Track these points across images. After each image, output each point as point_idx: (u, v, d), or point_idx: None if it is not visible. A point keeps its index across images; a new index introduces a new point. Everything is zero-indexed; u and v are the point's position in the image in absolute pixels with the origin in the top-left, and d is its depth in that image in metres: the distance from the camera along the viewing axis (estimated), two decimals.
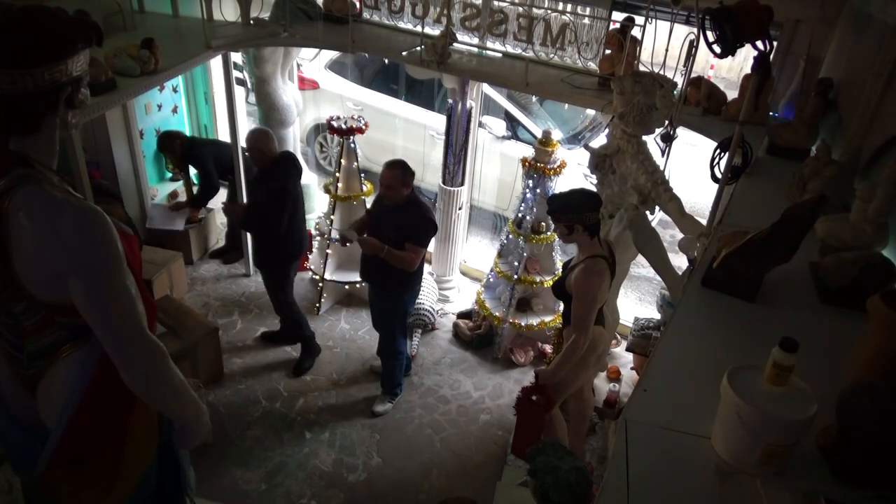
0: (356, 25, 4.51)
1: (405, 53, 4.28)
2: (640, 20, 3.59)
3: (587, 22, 3.94)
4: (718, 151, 2.93)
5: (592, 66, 4.05)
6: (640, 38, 3.67)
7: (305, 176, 5.81)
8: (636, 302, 5.64)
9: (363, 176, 4.96)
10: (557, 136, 5.14)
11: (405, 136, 6.58)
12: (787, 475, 1.31)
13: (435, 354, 4.92)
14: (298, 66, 6.23)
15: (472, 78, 4.37)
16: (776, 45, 3.67)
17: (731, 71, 10.36)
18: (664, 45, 3.25)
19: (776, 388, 1.31)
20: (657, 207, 3.49)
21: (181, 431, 2.05)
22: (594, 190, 3.55)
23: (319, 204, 5.97)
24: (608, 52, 3.87)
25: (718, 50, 2.46)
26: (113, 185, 4.92)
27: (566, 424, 3.67)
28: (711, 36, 2.45)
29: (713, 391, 1.35)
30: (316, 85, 6.83)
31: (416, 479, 3.94)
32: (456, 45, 4.16)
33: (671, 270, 3.39)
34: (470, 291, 5.44)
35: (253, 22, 4.65)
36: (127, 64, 3.62)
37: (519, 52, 4.19)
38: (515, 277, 4.61)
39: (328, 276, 5.02)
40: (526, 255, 4.62)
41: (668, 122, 3.26)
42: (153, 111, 5.49)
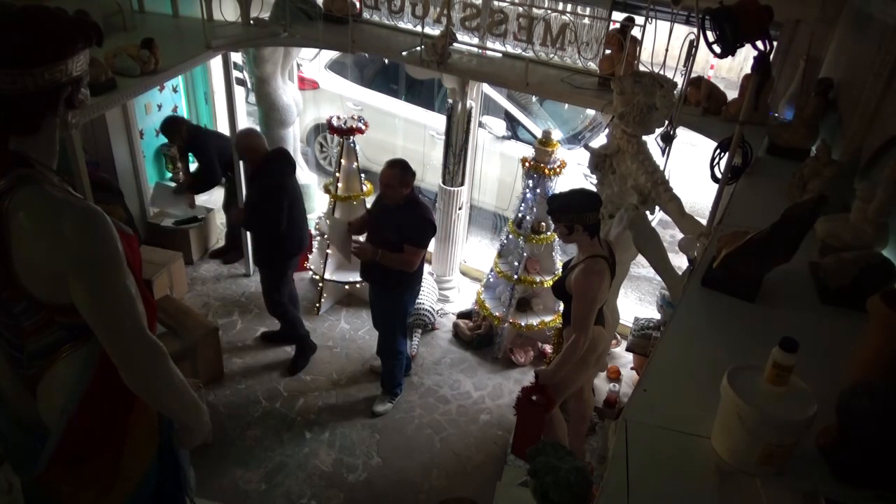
0: (356, 25, 4.51)
1: (405, 53, 4.29)
2: (640, 20, 3.59)
3: (587, 22, 3.94)
4: (718, 151, 2.93)
5: (592, 66, 4.05)
6: (640, 38, 3.67)
7: (305, 176, 5.83)
8: (636, 302, 5.64)
9: (363, 176, 4.96)
10: (557, 136, 5.14)
11: (405, 136, 6.58)
12: (787, 475, 1.31)
13: (435, 354, 4.92)
14: (298, 66, 6.23)
15: (472, 78, 4.37)
16: (776, 45, 3.67)
17: (731, 71, 10.36)
18: (664, 45, 3.25)
19: (776, 388, 1.31)
20: (657, 207, 3.49)
21: (181, 431, 2.05)
22: (594, 190, 3.56)
23: (319, 204, 5.97)
24: (608, 52, 3.88)
25: (718, 50, 2.46)
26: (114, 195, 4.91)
27: (566, 424, 3.67)
28: (711, 36, 2.45)
29: (713, 391, 1.35)
30: (316, 85, 6.83)
31: (416, 479, 3.94)
32: (456, 45, 4.16)
33: (671, 270, 3.39)
34: (470, 291, 5.44)
35: (253, 22, 4.65)
36: (127, 64, 3.62)
37: (519, 52, 4.19)
38: (515, 277, 4.61)
39: (328, 276, 5.02)
40: (526, 255, 4.61)
41: (668, 122, 3.26)
42: (153, 111, 5.50)
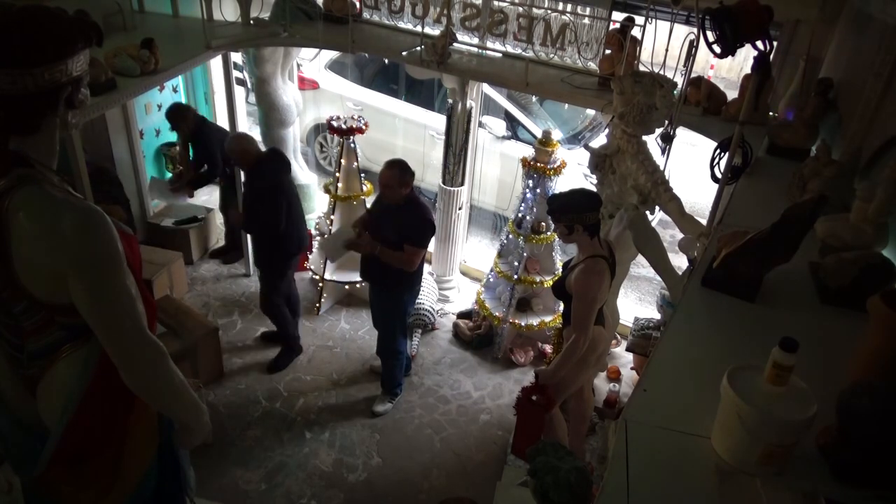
0: (356, 25, 4.51)
1: (405, 53, 4.29)
2: (640, 20, 3.59)
3: (587, 22, 3.94)
4: (718, 151, 2.93)
5: (592, 66, 4.05)
6: (640, 38, 3.67)
7: (305, 176, 5.83)
8: (636, 302, 5.64)
9: (363, 176, 4.96)
10: (557, 136, 5.14)
11: (405, 136, 6.58)
12: (787, 475, 1.31)
13: (435, 354, 4.92)
14: (298, 66, 6.23)
15: (472, 78, 4.37)
16: (776, 45, 3.67)
17: (731, 71, 10.36)
18: (664, 45, 3.25)
19: (776, 388, 1.31)
20: (657, 207, 3.49)
21: (181, 431, 2.05)
22: (594, 190, 3.56)
23: (319, 204, 5.97)
24: (608, 52, 3.88)
25: (718, 50, 2.46)
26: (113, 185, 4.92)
27: (566, 424, 3.67)
28: (711, 36, 2.45)
29: (713, 391, 1.35)
30: (316, 85, 6.83)
31: (416, 479, 3.94)
32: (456, 45, 4.16)
33: (671, 270, 3.39)
34: (470, 291, 5.44)
35: (253, 22, 4.65)
36: (127, 64, 3.63)
37: (519, 52, 4.19)
38: (515, 277, 4.61)
39: (328, 276, 5.02)
40: (526, 255, 4.61)
41: (668, 122, 3.26)
42: (153, 111, 5.50)
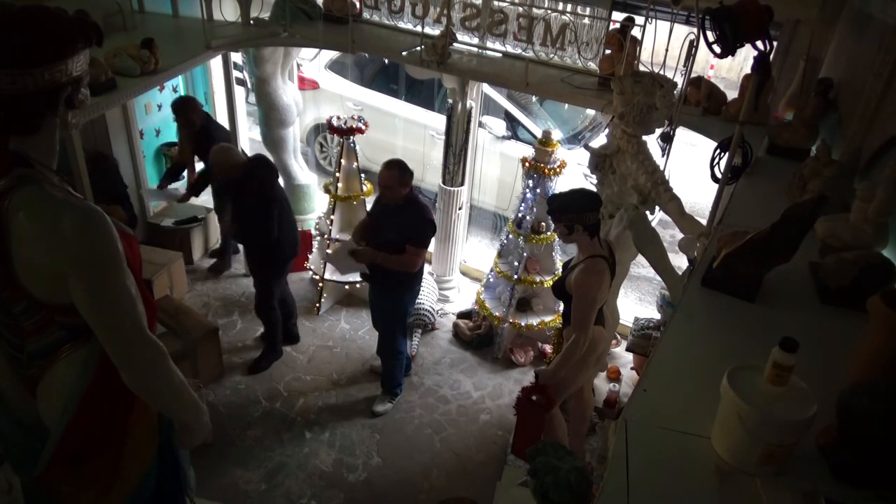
0: (356, 25, 4.51)
1: (405, 53, 4.29)
2: (640, 20, 3.59)
3: (587, 22, 3.94)
4: (718, 151, 2.93)
5: (592, 66, 4.05)
6: (640, 38, 3.67)
7: (305, 176, 5.83)
8: (636, 302, 5.64)
9: (363, 176, 4.96)
10: (557, 136, 5.14)
11: (405, 136, 6.58)
12: (787, 475, 1.31)
13: (435, 354, 4.92)
14: (298, 66, 6.23)
15: (472, 78, 4.37)
16: (776, 45, 3.66)
17: (731, 71, 10.36)
18: (664, 45, 3.25)
19: (776, 388, 1.31)
20: (657, 207, 3.49)
21: (181, 431, 2.05)
22: (594, 190, 3.56)
23: (319, 204, 5.96)
24: (608, 52, 3.88)
25: (718, 50, 2.46)
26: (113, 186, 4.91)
27: (566, 424, 3.67)
28: (711, 36, 2.45)
29: (713, 391, 1.35)
30: (316, 85, 6.83)
31: (416, 479, 3.94)
32: (456, 45, 4.16)
33: (671, 270, 3.39)
34: (470, 291, 5.44)
35: (253, 22, 4.65)
36: (127, 64, 3.63)
37: (519, 52, 4.19)
38: (515, 277, 4.61)
39: (328, 276, 5.02)
40: (526, 255, 4.61)
41: (668, 122, 3.26)
42: (153, 111, 5.50)
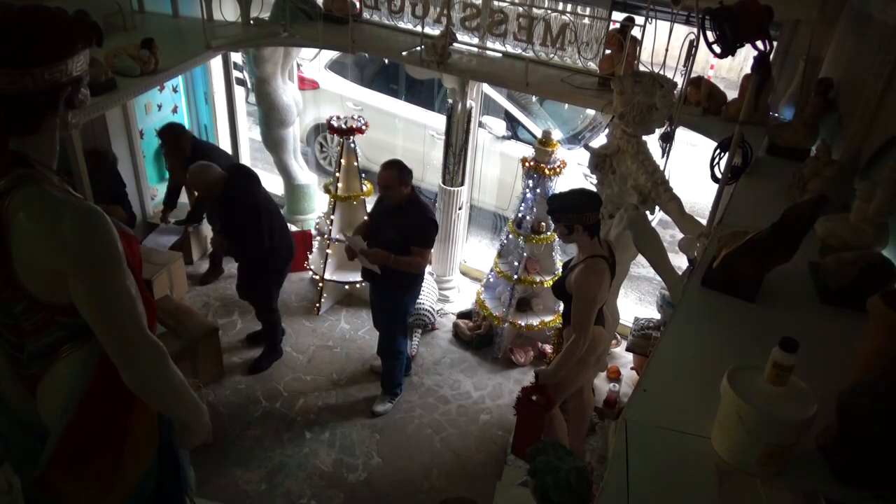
0: (356, 25, 4.51)
1: (405, 53, 4.29)
2: (640, 20, 3.59)
3: (587, 22, 3.94)
4: (718, 151, 2.93)
5: (592, 66, 4.05)
6: (640, 38, 3.67)
7: (305, 176, 5.83)
8: (636, 302, 5.64)
9: (363, 176, 4.96)
10: (557, 136, 5.14)
11: (405, 136, 6.58)
12: (787, 475, 1.31)
13: (435, 354, 4.92)
14: (298, 66, 6.23)
15: (472, 78, 4.37)
16: (776, 45, 3.66)
17: (731, 71, 10.36)
18: (664, 45, 3.25)
19: (776, 388, 1.30)
20: (657, 207, 3.49)
21: (181, 431, 2.05)
22: (594, 190, 3.56)
23: (319, 204, 5.97)
24: (608, 52, 3.87)
25: (718, 50, 2.46)
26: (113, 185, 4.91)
27: (566, 424, 3.67)
28: (711, 36, 2.45)
29: (713, 391, 1.35)
30: (316, 85, 6.83)
31: (416, 479, 3.94)
32: (456, 45, 4.16)
33: (671, 270, 3.39)
34: (470, 291, 5.44)
35: (253, 22, 4.65)
36: (127, 64, 3.63)
37: (519, 52, 4.19)
38: (515, 277, 4.61)
39: (328, 276, 5.02)
40: (526, 255, 4.61)
41: (668, 122, 3.26)
42: (153, 111, 5.49)
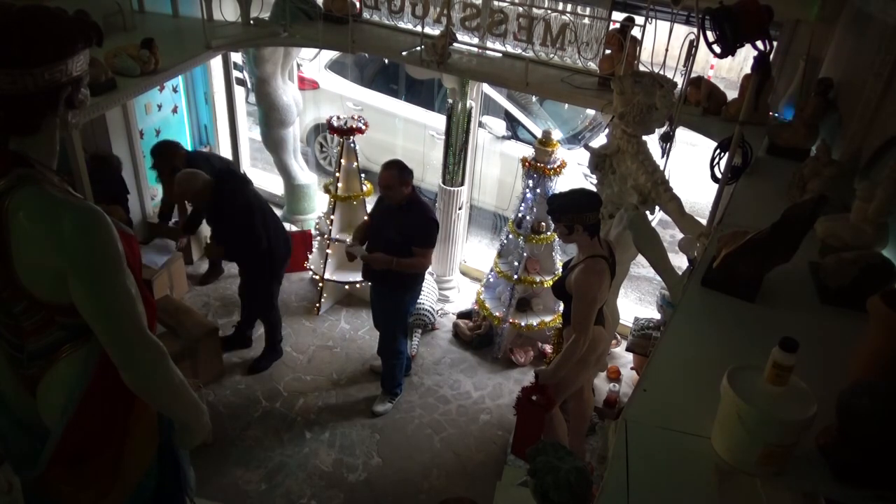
0: (356, 25, 4.51)
1: (405, 53, 4.28)
2: (640, 20, 3.59)
3: (587, 22, 3.94)
4: (718, 151, 2.93)
5: (592, 66, 4.04)
6: (640, 38, 3.67)
7: (305, 176, 5.83)
8: (636, 302, 5.64)
9: (363, 176, 4.96)
10: (557, 136, 5.14)
11: (405, 136, 6.58)
12: (787, 475, 1.30)
13: (435, 354, 4.92)
14: (298, 66, 6.23)
15: (472, 78, 4.37)
16: (776, 45, 3.66)
17: (731, 71, 10.36)
18: (664, 45, 3.25)
19: (776, 388, 1.30)
20: (657, 207, 3.49)
21: (181, 431, 2.06)
22: (594, 190, 3.56)
23: (319, 204, 5.97)
24: (608, 52, 3.87)
25: (718, 50, 2.46)
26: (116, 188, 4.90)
27: (566, 424, 3.67)
28: (711, 36, 2.45)
29: (713, 391, 1.35)
30: (316, 85, 6.83)
31: (416, 479, 3.94)
32: (456, 45, 4.16)
33: (671, 270, 3.39)
34: (470, 291, 5.44)
35: (253, 22, 4.65)
36: (127, 64, 3.62)
37: (519, 52, 4.19)
38: (515, 277, 4.61)
39: (328, 276, 5.02)
40: (526, 255, 4.61)
41: (668, 122, 3.26)
42: (153, 111, 5.49)
